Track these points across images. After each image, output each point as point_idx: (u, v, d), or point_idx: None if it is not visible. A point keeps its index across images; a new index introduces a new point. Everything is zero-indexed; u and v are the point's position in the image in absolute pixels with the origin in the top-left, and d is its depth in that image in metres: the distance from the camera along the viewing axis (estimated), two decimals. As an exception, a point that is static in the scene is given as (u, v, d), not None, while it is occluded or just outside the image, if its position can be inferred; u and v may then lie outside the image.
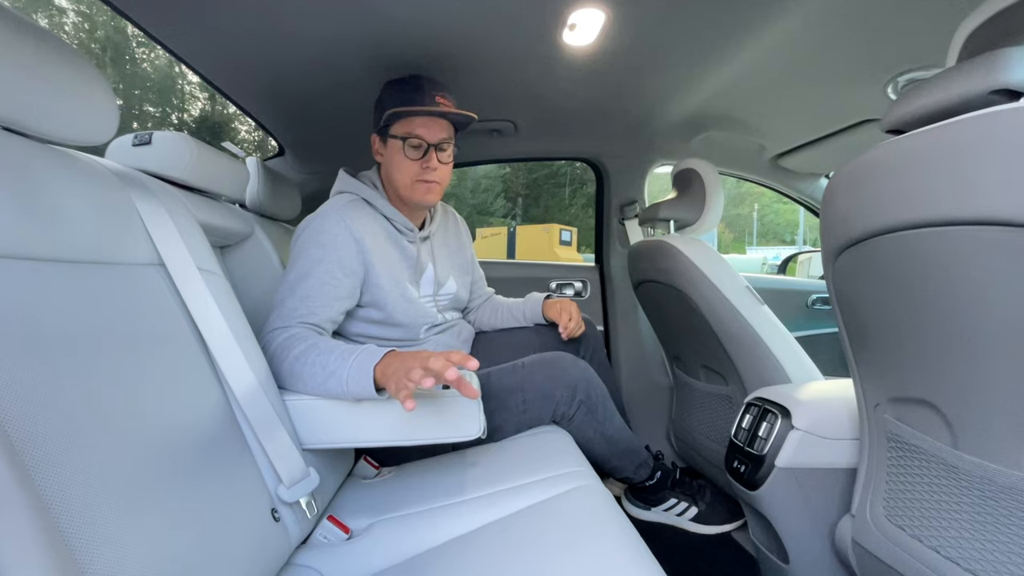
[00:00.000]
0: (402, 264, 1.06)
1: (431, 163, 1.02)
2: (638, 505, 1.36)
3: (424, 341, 1.11)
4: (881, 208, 0.59)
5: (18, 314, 0.43)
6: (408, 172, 1.02)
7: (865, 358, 0.73)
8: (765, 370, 1.14)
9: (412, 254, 1.08)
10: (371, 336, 1.06)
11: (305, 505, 0.71)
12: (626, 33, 1.01)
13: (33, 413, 0.40)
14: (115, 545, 0.42)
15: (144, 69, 15.46)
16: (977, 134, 0.49)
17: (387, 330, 1.06)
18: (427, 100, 1.00)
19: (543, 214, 18.55)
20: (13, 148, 0.50)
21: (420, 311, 1.08)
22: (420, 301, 1.09)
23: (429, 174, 1.02)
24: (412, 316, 1.06)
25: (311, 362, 0.80)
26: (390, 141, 1.03)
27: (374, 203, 1.05)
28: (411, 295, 1.06)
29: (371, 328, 1.05)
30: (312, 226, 0.97)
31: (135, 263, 0.60)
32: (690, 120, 1.50)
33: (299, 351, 0.82)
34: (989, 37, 0.61)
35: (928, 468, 0.64)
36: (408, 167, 1.02)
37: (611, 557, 0.59)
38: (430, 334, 1.12)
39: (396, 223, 1.07)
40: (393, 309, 1.02)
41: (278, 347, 0.84)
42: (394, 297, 1.02)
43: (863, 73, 1.15)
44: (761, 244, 26.22)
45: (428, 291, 1.12)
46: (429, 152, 1.02)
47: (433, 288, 1.13)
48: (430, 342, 1.11)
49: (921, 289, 0.58)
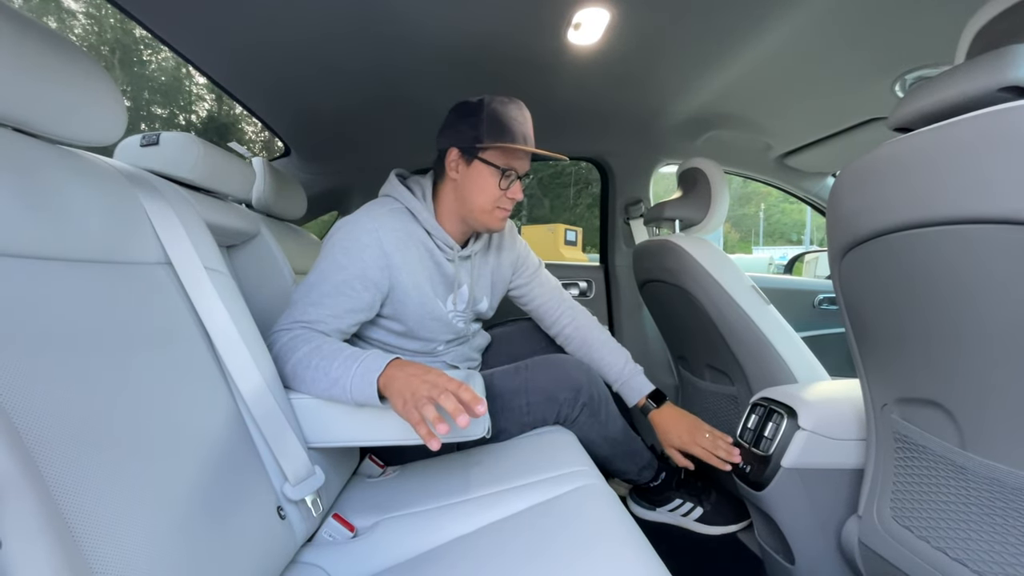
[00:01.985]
0: (435, 280, 1.03)
1: (517, 194, 1.01)
2: (643, 505, 1.36)
3: (443, 354, 1.11)
4: (888, 206, 0.59)
5: (27, 313, 0.43)
6: (492, 198, 0.99)
7: (872, 358, 0.73)
8: (771, 370, 1.13)
9: (449, 271, 1.05)
10: (389, 344, 1.05)
11: (311, 503, 0.72)
12: (631, 32, 1.01)
13: (41, 410, 0.41)
14: (121, 540, 0.42)
15: (152, 71, 15.59)
16: (985, 132, 0.48)
17: (406, 341, 1.05)
18: (528, 131, 0.99)
19: (548, 214, 18.52)
20: (22, 148, 0.51)
21: (445, 327, 1.06)
22: (447, 317, 1.06)
23: (507, 204, 1.01)
24: (435, 332, 1.05)
25: (314, 366, 0.80)
26: (478, 164, 0.98)
27: (418, 215, 1.01)
28: (439, 312, 1.03)
29: (390, 337, 1.04)
30: (344, 230, 0.94)
31: (142, 262, 0.61)
32: (695, 119, 1.50)
33: (303, 353, 0.82)
34: (998, 34, 0.60)
35: (936, 469, 0.64)
36: (494, 194, 0.99)
37: (616, 556, 0.58)
38: (450, 347, 1.12)
39: (436, 239, 1.03)
40: (415, 325, 1.01)
41: (282, 348, 0.84)
42: (419, 315, 1.00)
43: (870, 71, 1.14)
44: (768, 244, 26.08)
45: (461, 307, 1.09)
46: (515, 183, 1.01)
47: (466, 304, 1.10)
48: (449, 354, 1.11)
49: (929, 288, 0.57)
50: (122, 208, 0.61)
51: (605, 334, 1.26)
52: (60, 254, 0.50)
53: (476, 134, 0.97)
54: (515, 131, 0.96)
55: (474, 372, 0.95)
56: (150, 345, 0.56)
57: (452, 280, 1.05)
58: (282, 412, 0.71)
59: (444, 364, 1.10)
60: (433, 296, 1.02)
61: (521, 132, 0.97)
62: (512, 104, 0.99)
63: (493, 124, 0.96)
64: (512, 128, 0.96)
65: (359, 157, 1.67)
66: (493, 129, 0.96)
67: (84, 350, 0.47)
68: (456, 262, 1.06)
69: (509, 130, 0.96)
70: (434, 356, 1.10)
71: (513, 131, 0.96)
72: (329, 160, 1.64)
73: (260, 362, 0.72)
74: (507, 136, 0.96)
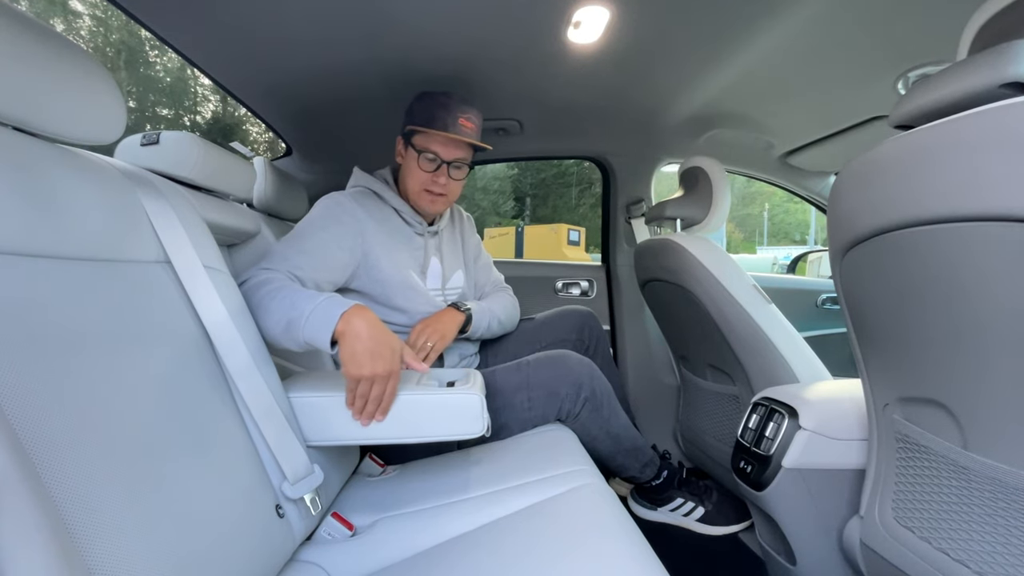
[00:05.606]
0: (407, 254, 1.10)
1: (440, 179, 1.09)
2: (644, 505, 1.35)
3: None
4: (888, 205, 0.58)
5: (25, 310, 0.43)
6: (418, 181, 1.09)
7: (874, 357, 0.72)
8: (772, 370, 1.13)
9: (418, 245, 1.13)
10: None
11: (309, 502, 0.72)
12: (631, 30, 1.01)
13: (39, 407, 0.41)
14: (118, 538, 0.42)
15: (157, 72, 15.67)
16: (986, 128, 0.48)
17: (387, 313, 1.08)
18: (451, 119, 1.05)
19: (551, 214, 18.53)
20: (22, 147, 0.51)
21: (423, 299, 1.10)
22: (427, 292, 1.11)
23: (436, 187, 1.09)
24: (413, 302, 1.08)
25: (281, 297, 0.80)
26: (410, 149, 1.10)
27: (383, 195, 1.11)
28: (415, 283, 1.09)
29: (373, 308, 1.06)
30: (325, 201, 1.05)
31: (142, 261, 0.61)
32: (697, 118, 1.49)
33: (274, 287, 0.83)
34: (1000, 31, 0.60)
35: (938, 469, 0.63)
36: (420, 176, 1.09)
37: (613, 556, 0.58)
38: None
39: (404, 215, 1.12)
40: (390, 290, 1.06)
41: (257, 283, 0.84)
42: (396, 281, 1.06)
43: (873, 69, 1.14)
44: (772, 244, 25.97)
45: (436, 284, 1.15)
46: (441, 168, 1.08)
47: (440, 282, 1.16)
48: None
49: (930, 286, 0.57)
50: (122, 207, 0.62)
51: (501, 292, 1.35)
52: (59, 252, 0.50)
53: (407, 121, 1.10)
54: (436, 117, 1.05)
55: (473, 371, 0.95)
56: (149, 343, 0.56)
57: (422, 253, 1.13)
58: (281, 411, 0.71)
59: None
60: (406, 267, 1.09)
61: (443, 119, 1.04)
62: (443, 95, 1.07)
63: (419, 111, 1.07)
64: (434, 114, 1.05)
65: (360, 157, 1.68)
66: (418, 116, 1.07)
67: (82, 348, 0.47)
68: (426, 236, 1.15)
69: (431, 117, 1.05)
70: None
71: (434, 117, 1.05)
72: (330, 160, 1.64)
73: (259, 361, 0.72)
74: (429, 122, 1.05)
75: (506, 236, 8.93)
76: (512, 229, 9.19)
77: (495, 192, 18.19)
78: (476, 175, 17.30)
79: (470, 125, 1.08)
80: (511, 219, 17.92)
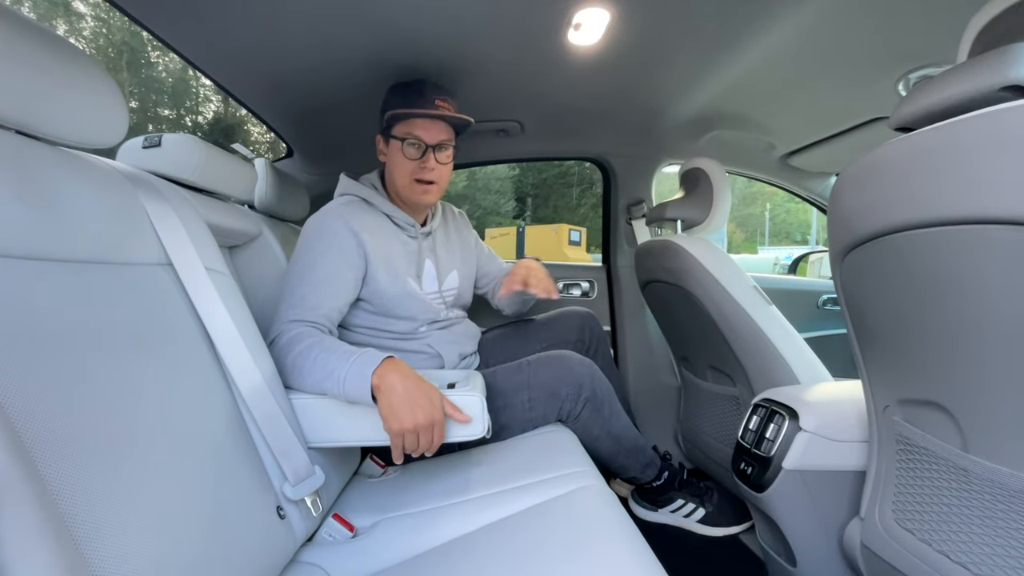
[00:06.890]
0: (403, 259, 1.08)
1: (428, 163, 1.05)
2: (645, 506, 1.35)
3: (425, 336, 1.11)
4: (888, 207, 0.58)
5: (27, 313, 0.44)
6: (406, 171, 1.06)
7: (874, 359, 0.72)
8: (773, 371, 1.13)
9: (412, 248, 1.11)
10: (372, 327, 1.07)
11: (310, 503, 0.72)
12: (631, 32, 1.01)
13: (41, 409, 0.41)
14: (119, 539, 0.42)
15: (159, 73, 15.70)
16: (986, 131, 0.48)
17: (387, 322, 1.07)
18: (428, 103, 1.03)
19: (552, 214, 18.52)
20: (24, 150, 0.51)
21: (421, 306, 1.09)
22: (424, 297, 1.10)
23: (426, 174, 1.06)
24: (412, 310, 1.08)
25: (313, 357, 0.81)
26: (391, 141, 1.07)
27: (372, 201, 1.09)
28: (412, 289, 1.08)
29: (371, 319, 1.07)
30: (313, 224, 1.02)
31: (143, 263, 0.61)
32: (698, 119, 1.49)
33: (305, 346, 0.83)
34: (1001, 33, 0.60)
35: (938, 471, 0.63)
36: (407, 166, 1.06)
37: (613, 557, 0.58)
38: (431, 329, 1.13)
39: (396, 219, 1.10)
40: (389, 302, 1.05)
41: (286, 343, 0.85)
42: (392, 291, 1.05)
43: (874, 70, 1.14)
44: (773, 244, 25.91)
45: (432, 287, 1.13)
46: (427, 153, 1.05)
47: (437, 284, 1.14)
48: (432, 336, 1.12)
49: (929, 289, 0.57)
50: (123, 209, 0.62)
51: None
52: (61, 255, 0.50)
53: (384, 110, 1.07)
54: (413, 102, 1.03)
55: (474, 372, 0.95)
56: (150, 345, 0.56)
57: (417, 256, 1.11)
58: (282, 412, 0.72)
59: (428, 347, 1.10)
60: (404, 273, 1.07)
61: (420, 103, 1.03)
62: (416, 82, 1.07)
63: (393, 100, 1.06)
64: (410, 99, 1.04)
65: (361, 158, 1.68)
66: (393, 104, 1.05)
67: (84, 351, 0.48)
68: (419, 239, 1.13)
69: (408, 102, 1.03)
70: (417, 338, 1.11)
71: (411, 102, 1.03)
72: (331, 161, 1.64)
73: (260, 362, 0.72)
74: (404, 104, 1.03)
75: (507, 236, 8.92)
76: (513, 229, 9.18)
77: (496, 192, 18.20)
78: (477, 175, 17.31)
79: (447, 105, 1.06)
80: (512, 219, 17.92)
